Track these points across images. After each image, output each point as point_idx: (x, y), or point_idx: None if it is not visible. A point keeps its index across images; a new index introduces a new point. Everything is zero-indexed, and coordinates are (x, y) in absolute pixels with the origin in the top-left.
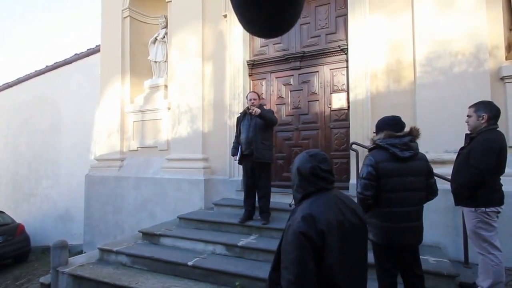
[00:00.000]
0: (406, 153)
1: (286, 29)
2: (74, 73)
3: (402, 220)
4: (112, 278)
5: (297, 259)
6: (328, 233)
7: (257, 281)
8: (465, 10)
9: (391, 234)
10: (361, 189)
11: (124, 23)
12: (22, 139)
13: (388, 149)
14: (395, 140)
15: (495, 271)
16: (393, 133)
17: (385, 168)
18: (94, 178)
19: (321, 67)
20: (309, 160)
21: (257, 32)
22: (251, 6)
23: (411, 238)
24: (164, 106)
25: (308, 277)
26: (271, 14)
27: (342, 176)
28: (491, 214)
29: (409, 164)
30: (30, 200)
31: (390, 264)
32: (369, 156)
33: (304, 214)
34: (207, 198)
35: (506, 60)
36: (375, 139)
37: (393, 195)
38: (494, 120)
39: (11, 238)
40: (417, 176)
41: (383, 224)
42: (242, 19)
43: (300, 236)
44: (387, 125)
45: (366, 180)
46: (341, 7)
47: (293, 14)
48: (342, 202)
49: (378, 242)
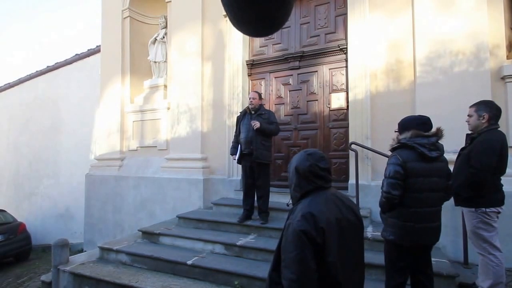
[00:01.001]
0: (434, 154)
1: (277, 28)
2: (74, 73)
3: (426, 220)
4: (112, 276)
5: (298, 258)
6: (328, 231)
7: (256, 280)
8: (465, 9)
9: (413, 234)
10: (389, 188)
11: (124, 23)
12: (23, 139)
13: (416, 149)
14: (423, 140)
15: (495, 272)
16: (421, 132)
17: (413, 167)
18: (94, 177)
19: (320, 67)
20: (307, 159)
21: (247, 31)
22: (241, 6)
23: (432, 237)
24: (163, 106)
25: (310, 275)
26: (261, 13)
27: (341, 176)
28: (491, 215)
29: (434, 164)
30: (31, 199)
31: (403, 263)
32: (396, 155)
33: (304, 212)
34: (206, 197)
35: (507, 60)
36: (399, 138)
37: (419, 195)
38: (494, 120)
39: (13, 237)
40: (441, 177)
41: (406, 224)
42: (232, 18)
43: (301, 234)
44: (415, 124)
45: (393, 179)
46: (340, 6)
47: (283, 13)
48: (339, 201)
49: (394, 241)
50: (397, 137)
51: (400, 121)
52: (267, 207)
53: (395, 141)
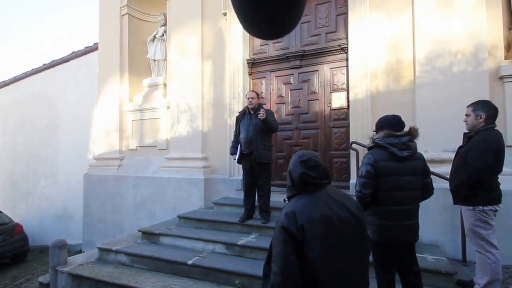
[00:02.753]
0: (405, 153)
1: (288, 31)
2: (72, 71)
3: (399, 218)
4: (111, 277)
5: (281, 252)
6: (308, 228)
7: (257, 280)
8: (464, 10)
9: (388, 232)
10: (360, 187)
11: (123, 20)
12: (20, 138)
13: (387, 148)
14: (394, 140)
15: (492, 269)
16: (393, 132)
17: (384, 167)
18: (93, 177)
19: (321, 66)
20: (299, 167)
21: (258, 33)
22: (253, 8)
23: (408, 236)
24: (163, 105)
25: (291, 269)
26: (273, 16)
27: (342, 175)
28: (488, 213)
29: (407, 163)
30: (28, 200)
31: (387, 261)
32: (368, 154)
33: (287, 210)
34: (206, 197)
35: (505, 60)
36: (374, 137)
37: (391, 194)
38: (492, 119)
39: (9, 238)
40: (415, 176)
41: (380, 222)
42: (244, 21)
43: (282, 230)
44: (388, 124)
45: (364, 179)
46: (341, 5)
47: (295, 16)
48: (331, 198)
49: (375, 239)
50: (372, 137)
51: (377, 121)
52: (268, 206)
53: (370, 140)
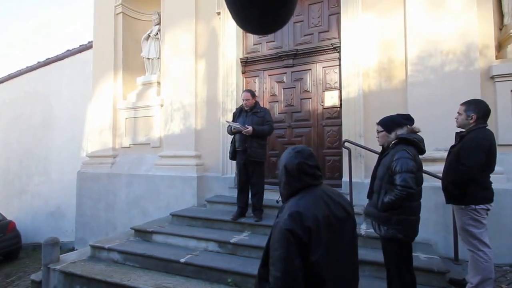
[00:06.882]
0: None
1: (280, 26)
2: (66, 69)
3: (419, 212)
4: (103, 275)
5: (283, 256)
6: (314, 229)
7: (250, 278)
8: (456, 10)
9: (415, 227)
10: (411, 183)
11: (117, 19)
12: (14, 136)
13: (417, 144)
14: (418, 136)
15: (485, 268)
16: (414, 129)
17: (419, 161)
18: (86, 175)
19: (313, 65)
20: (295, 157)
21: (250, 29)
22: (245, 4)
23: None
24: (156, 103)
25: (295, 273)
26: (265, 11)
27: (335, 174)
28: (480, 212)
29: None
30: (21, 197)
31: (410, 259)
32: (405, 149)
33: (291, 211)
34: (199, 195)
35: (496, 60)
36: (398, 133)
37: (420, 188)
38: (482, 120)
39: (2, 235)
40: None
41: (411, 218)
42: (236, 16)
43: (287, 233)
44: (408, 120)
45: (412, 174)
46: (334, 5)
47: (287, 11)
48: (329, 197)
49: (403, 237)
50: (388, 135)
51: (386, 120)
52: (261, 204)
53: (390, 138)
